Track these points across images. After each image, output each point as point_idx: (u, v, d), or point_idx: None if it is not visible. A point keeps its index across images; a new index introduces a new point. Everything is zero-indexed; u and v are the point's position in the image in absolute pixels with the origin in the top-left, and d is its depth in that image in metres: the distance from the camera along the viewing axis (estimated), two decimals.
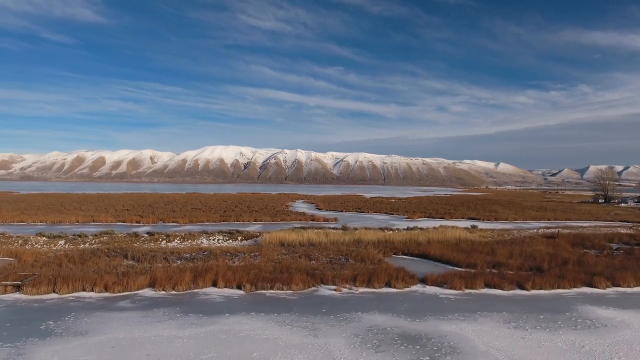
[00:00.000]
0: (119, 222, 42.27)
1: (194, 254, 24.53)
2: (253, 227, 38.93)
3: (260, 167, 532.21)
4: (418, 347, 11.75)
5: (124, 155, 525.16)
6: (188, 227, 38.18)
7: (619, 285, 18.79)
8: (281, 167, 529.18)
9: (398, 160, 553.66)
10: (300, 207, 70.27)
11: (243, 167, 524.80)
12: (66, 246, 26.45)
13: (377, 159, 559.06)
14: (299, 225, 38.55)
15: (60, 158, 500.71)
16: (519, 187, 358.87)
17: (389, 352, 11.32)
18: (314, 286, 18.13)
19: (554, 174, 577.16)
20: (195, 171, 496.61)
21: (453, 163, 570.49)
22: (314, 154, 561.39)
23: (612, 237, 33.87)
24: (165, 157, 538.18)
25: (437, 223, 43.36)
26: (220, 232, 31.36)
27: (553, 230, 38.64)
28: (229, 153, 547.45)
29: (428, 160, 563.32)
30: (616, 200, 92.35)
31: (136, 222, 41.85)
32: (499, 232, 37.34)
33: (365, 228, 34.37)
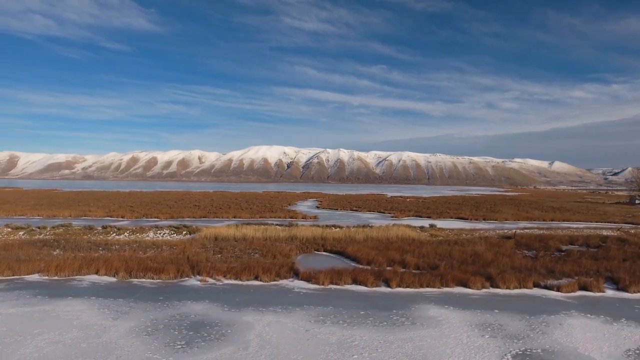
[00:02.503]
0: (107, 216, 45.52)
1: (125, 245, 26.28)
2: (226, 223, 40.39)
3: (303, 167, 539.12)
4: (192, 332, 12.35)
5: (174, 155, 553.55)
6: (164, 222, 40.38)
7: (497, 287, 18.02)
8: (323, 166, 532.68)
9: (443, 159, 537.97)
10: (301, 205, 71.21)
11: (286, 167, 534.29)
12: (23, 236, 29.26)
13: (421, 158, 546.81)
14: (276, 223, 39.58)
15: (117, 158, 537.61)
16: (573, 188, 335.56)
17: (155, 336, 12.03)
18: (187, 276, 19.07)
19: (615, 174, 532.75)
20: (240, 170, 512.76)
21: (502, 162, 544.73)
22: (356, 153, 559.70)
23: (579, 238, 31.71)
24: (212, 157, 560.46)
25: (423, 222, 43.17)
26: (170, 227, 33.13)
27: (535, 230, 36.89)
28: (272, 153, 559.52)
29: (475, 159, 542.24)
30: None
31: (121, 217, 44.85)
32: (464, 232, 36.12)
33: (312, 225, 34.68)
